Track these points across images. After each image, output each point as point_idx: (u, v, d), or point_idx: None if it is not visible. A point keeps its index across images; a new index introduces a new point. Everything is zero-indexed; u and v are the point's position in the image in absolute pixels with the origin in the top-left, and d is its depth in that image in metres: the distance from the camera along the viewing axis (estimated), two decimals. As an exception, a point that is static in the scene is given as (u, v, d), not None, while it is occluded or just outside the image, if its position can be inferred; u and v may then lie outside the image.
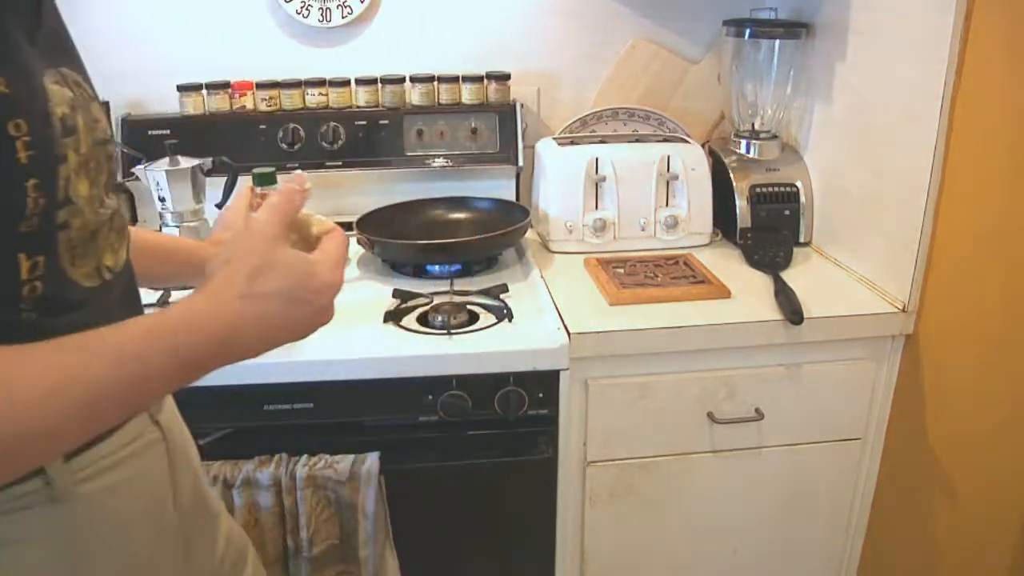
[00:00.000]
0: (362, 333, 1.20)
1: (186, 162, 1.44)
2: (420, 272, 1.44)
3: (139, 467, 0.68)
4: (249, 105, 1.58)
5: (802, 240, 1.55)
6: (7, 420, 0.48)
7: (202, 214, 1.49)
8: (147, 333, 0.55)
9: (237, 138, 1.55)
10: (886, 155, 1.30)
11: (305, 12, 1.57)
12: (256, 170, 0.74)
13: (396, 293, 1.33)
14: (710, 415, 1.27)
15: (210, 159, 1.47)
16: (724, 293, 1.31)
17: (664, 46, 1.68)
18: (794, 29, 1.50)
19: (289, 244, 0.62)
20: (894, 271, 1.28)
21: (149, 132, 1.54)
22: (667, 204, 1.53)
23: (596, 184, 1.51)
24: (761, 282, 1.37)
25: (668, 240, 1.52)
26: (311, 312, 0.60)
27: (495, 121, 1.61)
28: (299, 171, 0.71)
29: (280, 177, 0.71)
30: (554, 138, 1.60)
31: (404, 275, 1.44)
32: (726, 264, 1.45)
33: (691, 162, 1.51)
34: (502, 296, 1.32)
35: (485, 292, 1.33)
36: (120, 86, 1.56)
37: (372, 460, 1.14)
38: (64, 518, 0.61)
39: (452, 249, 1.42)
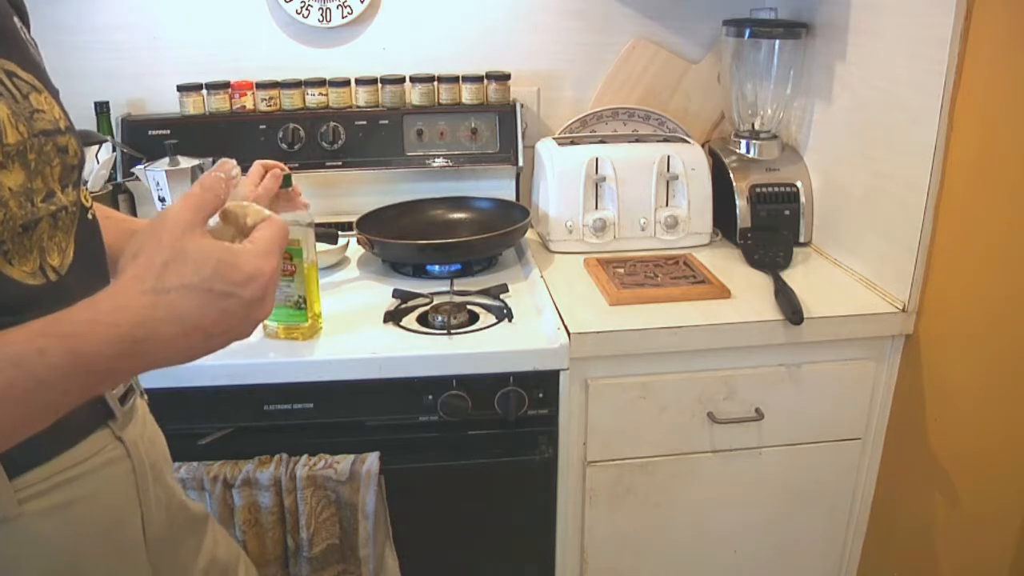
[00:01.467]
0: (362, 333, 1.20)
1: (186, 162, 1.44)
2: (420, 272, 1.44)
3: (95, 486, 0.65)
4: (249, 105, 1.58)
5: (802, 240, 1.55)
6: None
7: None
8: (33, 335, 0.49)
9: (237, 138, 1.55)
10: (886, 155, 1.30)
11: (305, 12, 1.57)
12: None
13: (396, 293, 1.33)
14: (710, 415, 1.27)
15: (210, 159, 1.47)
16: (724, 293, 1.31)
17: (664, 46, 1.68)
18: (794, 29, 1.50)
19: (227, 238, 0.57)
20: (894, 271, 1.28)
21: (149, 132, 1.54)
22: (667, 204, 1.53)
23: (596, 184, 1.51)
24: (761, 282, 1.37)
25: (668, 240, 1.52)
26: (239, 305, 0.53)
27: (495, 121, 1.61)
28: (227, 158, 0.63)
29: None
30: (554, 138, 1.60)
31: (404, 275, 1.44)
32: (726, 264, 1.45)
33: (691, 162, 1.51)
34: (502, 296, 1.32)
35: (485, 292, 1.33)
36: (120, 86, 1.57)
37: (372, 460, 1.15)
38: (6, 538, 0.59)
39: (452, 249, 1.42)
